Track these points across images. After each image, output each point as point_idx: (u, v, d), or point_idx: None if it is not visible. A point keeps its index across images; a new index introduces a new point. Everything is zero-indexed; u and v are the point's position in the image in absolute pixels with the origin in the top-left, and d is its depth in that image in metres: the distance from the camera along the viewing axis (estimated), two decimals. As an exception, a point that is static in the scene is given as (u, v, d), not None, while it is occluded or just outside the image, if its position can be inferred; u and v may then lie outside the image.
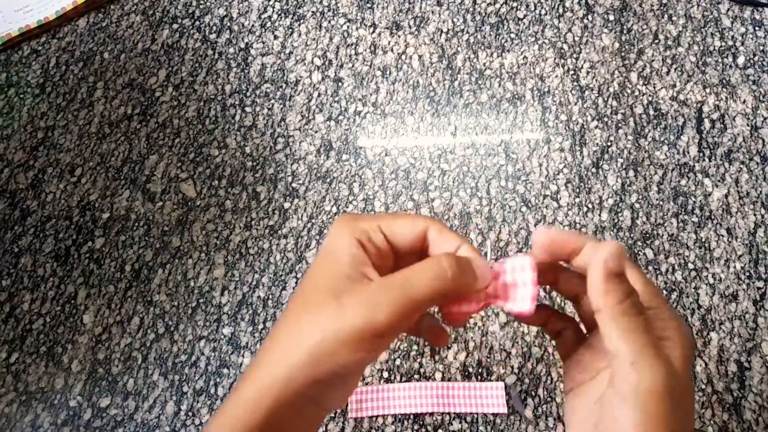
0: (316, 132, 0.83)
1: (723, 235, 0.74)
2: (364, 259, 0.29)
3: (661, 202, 0.76)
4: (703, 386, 0.66)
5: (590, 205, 0.76)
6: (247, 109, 0.85)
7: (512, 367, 0.68)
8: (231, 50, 0.89)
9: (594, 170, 0.78)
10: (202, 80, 0.87)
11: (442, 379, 0.68)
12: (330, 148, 0.81)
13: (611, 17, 0.88)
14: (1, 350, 0.72)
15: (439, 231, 0.31)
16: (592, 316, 0.29)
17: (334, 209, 0.77)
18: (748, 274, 0.71)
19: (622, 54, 0.85)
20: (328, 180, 0.79)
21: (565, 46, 0.86)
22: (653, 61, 0.84)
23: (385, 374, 0.68)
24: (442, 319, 0.33)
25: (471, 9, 0.90)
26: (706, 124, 0.80)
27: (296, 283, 0.74)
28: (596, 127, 0.81)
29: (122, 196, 0.80)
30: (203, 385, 0.69)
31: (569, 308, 0.70)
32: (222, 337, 0.71)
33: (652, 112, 0.81)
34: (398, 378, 0.68)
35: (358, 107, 0.84)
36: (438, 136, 0.82)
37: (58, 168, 0.82)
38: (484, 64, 0.85)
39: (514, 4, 0.90)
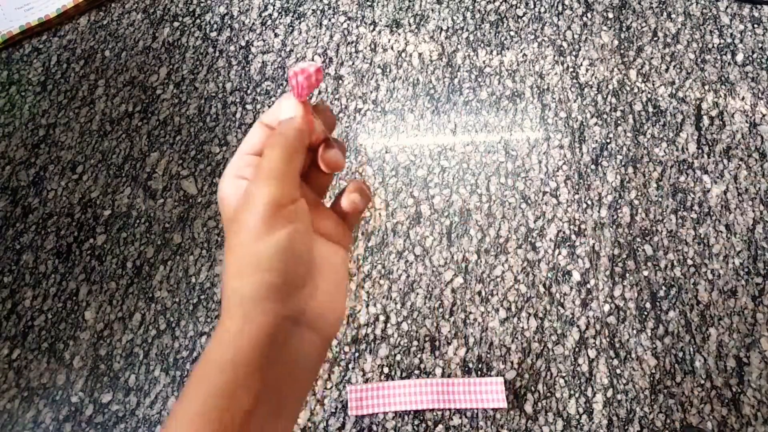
0: (317, 129, 0.83)
1: (722, 232, 0.74)
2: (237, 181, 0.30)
3: (660, 199, 0.76)
4: (702, 381, 0.67)
5: (589, 202, 0.76)
6: (248, 107, 0.85)
7: (512, 363, 0.68)
8: (232, 48, 0.89)
9: (593, 167, 0.78)
10: (203, 78, 0.87)
11: (442, 375, 0.68)
12: (330, 145, 0.82)
13: (610, 15, 0.88)
14: (3, 347, 0.72)
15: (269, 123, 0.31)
16: None
17: (335, 206, 0.78)
18: (746, 270, 0.72)
19: (621, 51, 0.85)
20: (329, 177, 0.80)
21: (565, 44, 0.86)
22: (652, 58, 0.85)
23: (386, 370, 0.68)
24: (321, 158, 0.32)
25: (471, 7, 0.90)
26: (705, 121, 0.80)
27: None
28: (595, 124, 0.81)
29: (123, 193, 0.80)
30: (204, 380, 0.69)
31: (569, 304, 0.70)
32: (223, 333, 0.72)
33: (651, 109, 0.81)
34: (398, 374, 0.68)
35: (359, 105, 0.84)
36: (438, 133, 0.82)
37: (59, 165, 0.82)
38: (484, 62, 0.86)
39: (514, 2, 0.90)
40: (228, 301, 0.27)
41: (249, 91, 0.86)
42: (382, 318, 0.71)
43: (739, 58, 0.84)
